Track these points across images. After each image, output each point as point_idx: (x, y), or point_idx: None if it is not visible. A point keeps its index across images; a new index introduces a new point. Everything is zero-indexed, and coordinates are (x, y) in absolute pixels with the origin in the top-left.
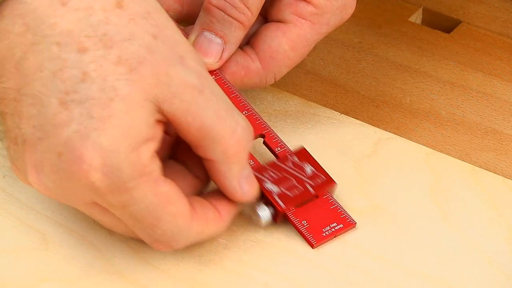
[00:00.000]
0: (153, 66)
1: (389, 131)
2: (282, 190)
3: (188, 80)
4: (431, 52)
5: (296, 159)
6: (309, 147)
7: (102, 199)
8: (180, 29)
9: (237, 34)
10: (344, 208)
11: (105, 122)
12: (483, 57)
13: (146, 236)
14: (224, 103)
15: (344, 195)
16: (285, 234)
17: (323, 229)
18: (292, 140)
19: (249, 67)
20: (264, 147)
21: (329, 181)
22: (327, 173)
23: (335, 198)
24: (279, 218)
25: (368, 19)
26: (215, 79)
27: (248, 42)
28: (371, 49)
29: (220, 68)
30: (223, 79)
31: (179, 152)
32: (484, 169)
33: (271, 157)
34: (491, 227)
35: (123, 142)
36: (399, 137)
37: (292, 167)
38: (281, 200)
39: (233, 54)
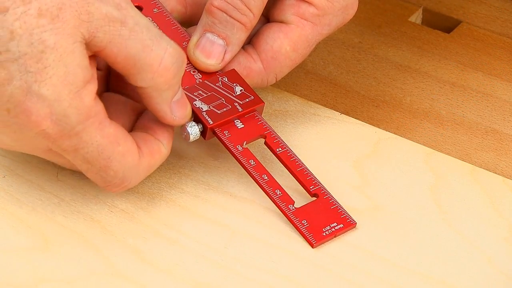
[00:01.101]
0: (72, 8)
1: (389, 131)
2: (210, 108)
3: (107, 13)
4: (431, 52)
5: (226, 79)
6: (309, 147)
7: (54, 145)
8: (183, 31)
9: (240, 36)
10: (344, 208)
11: (42, 73)
12: (483, 57)
13: (100, 180)
14: (149, 32)
15: (344, 195)
16: (285, 233)
17: (323, 229)
18: (292, 140)
19: (251, 68)
20: (265, 147)
21: (257, 100)
22: (256, 94)
23: (335, 198)
24: (208, 135)
25: (368, 19)
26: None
27: (250, 42)
28: (371, 49)
29: None
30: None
31: (114, 83)
32: (484, 169)
33: (272, 157)
34: (491, 227)
35: (63, 89)
36: (399, 137)
37: (222, 86)
38: (209, 117)
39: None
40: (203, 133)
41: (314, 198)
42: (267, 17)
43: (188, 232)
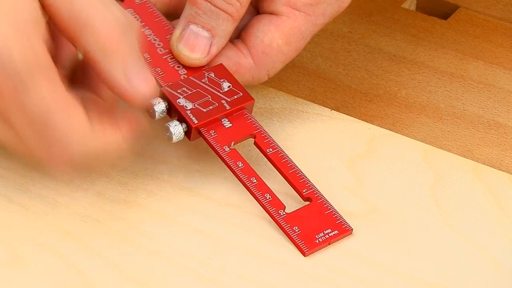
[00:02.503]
0: None
1: (384, 127)
2: (195, 106)
3: None
4: (427, 41)
5: (213, 75)
6: (298, 146)
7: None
8: (167, 23)
9: (226, 27)
10: (338, 212)
11: None
12: (483, 45)
13: (42, 146)
14: None
15: (337, 197)
16: (275, 241)
17: (316, 236)
18: (279, 140)
19: (240, 63)
20: (255, 148)
21: (246, 97)
22: (245, 90)
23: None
24: (192, 134)
25: (358, 7)
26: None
27: (239, 36)
28: (362, 39)
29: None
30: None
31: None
32: (487, 165)
33: (262, 158)
34: (497, 228)
35: (9, 28)
36: (395, 133)
37: (208, 83)
38: (194, 116)
39: (223, 48)
40: (187, 133)
41: (307, 203)
42: (257, 8)
43: (169, 243)
